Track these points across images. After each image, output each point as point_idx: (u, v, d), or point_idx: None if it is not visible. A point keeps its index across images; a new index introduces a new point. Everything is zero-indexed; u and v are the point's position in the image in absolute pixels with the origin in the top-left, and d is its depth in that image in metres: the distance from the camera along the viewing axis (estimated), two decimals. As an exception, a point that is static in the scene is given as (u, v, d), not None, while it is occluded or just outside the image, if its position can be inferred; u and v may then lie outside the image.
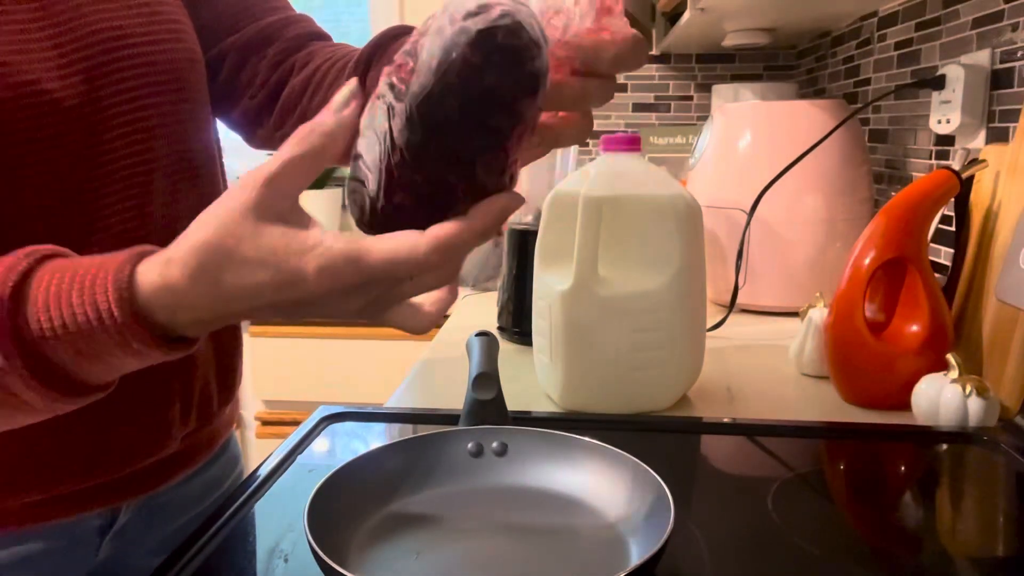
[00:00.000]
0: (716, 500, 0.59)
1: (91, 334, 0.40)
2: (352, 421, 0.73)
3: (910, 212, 0.78)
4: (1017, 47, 0.88)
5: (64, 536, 0.61)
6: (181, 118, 0.61)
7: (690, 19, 1.31)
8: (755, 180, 1.06)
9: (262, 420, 1.63)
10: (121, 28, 0.56)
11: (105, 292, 0.40)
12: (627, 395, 0.76)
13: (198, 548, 0.51)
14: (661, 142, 1.78)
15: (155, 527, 0.67)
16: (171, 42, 0.60)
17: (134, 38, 0.57)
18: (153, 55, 0.58)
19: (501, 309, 1.06)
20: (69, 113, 0.53)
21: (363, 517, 0.52)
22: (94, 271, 0.41)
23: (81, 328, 0.40)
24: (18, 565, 0.59)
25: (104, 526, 0.63)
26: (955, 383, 0.71)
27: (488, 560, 0.49)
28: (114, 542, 0.64)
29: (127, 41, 0.56)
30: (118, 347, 0.41)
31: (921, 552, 0.52)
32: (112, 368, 0.43)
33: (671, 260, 0.74)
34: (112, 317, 0.40)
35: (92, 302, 0.40)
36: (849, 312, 0.78)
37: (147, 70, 0.58)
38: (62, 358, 0.41)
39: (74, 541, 0.61)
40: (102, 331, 0.40)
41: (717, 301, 1.19)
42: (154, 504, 0.66)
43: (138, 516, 0.65)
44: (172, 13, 0.62)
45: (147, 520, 0.66)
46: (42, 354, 0.41)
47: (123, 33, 0.56)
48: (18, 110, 0.50)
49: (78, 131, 0.53)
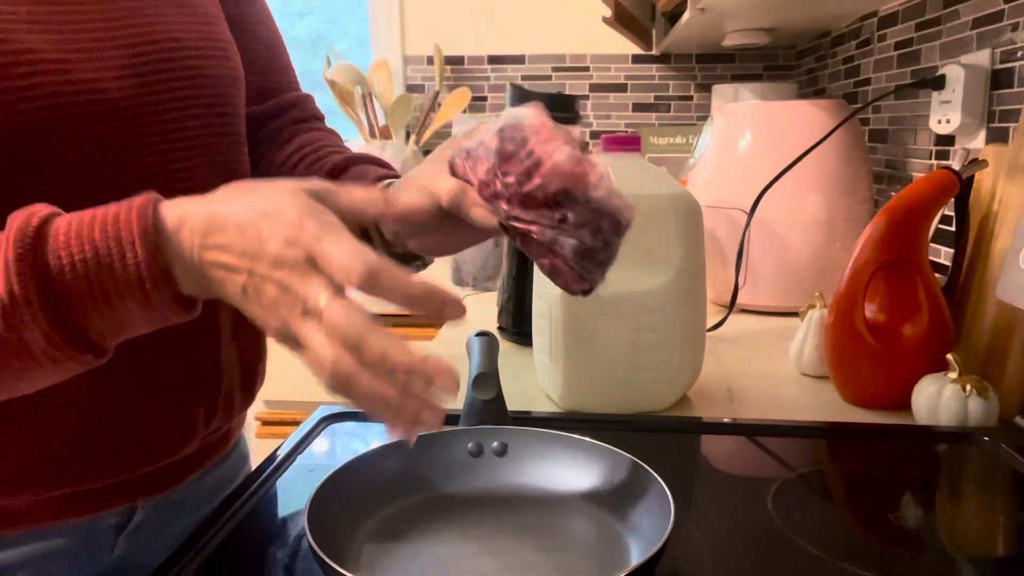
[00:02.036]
0: (716, 500, 0.59)
1: (110, 267, 0.42)
2: (352, 421, 0.73)
3: (910, 212, 0.78)
4: (1017, 47, 0.88)
5: (82, 534, 0.61)
6: (221, 131, 0.63)
7: (690, 19, 1.31)
8: (755, 180, 1.06)
9: (262, 420, 1.63)
10: (179, 40, 0.59)
11: (129, 226, 0.42)
12: (627, 395, 0.76)
13: (198, 548, 0.51)
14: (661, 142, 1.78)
15: (168, 525, 0.68)
16: (221, 59, 0.63)
17: (189, 50, 0.59)
18: (204, 68, 0.60)
19: (501, 309, 1.06)
20: (121, 114, 0.54)
21: (363, 517, 0.52)
22: (116, 208, 0.43)
23: (101, 261, 0.42)
24: (34, 563, 0.59)
25: (121, 524, 0.64)
26: (955, 383, 0.71)
27: (488, 560, 0.49)
28: (128, 540, 0.64)
29: (183, 52, 0.59)
30: (132, 287, 0.42)
31: (921, 552, 0.52)
32: (117, 319, 0.44)
33: (671, 260, 0.74)
34: (133, 249, 0.42)
35: (116, 235, 0.42)
36: (849, 312, 0.78)
37: (197, 82, 0.60)
38: (74, 298, 0.42)
39: (91, 539, 0.62)
40: (121, 267, 0.42)
41: (717, 301, 1.19)
42: (168, 502, 0.67)
43: (153, 514, 0.66)
44: (224, 34, 0.65)
45: (161, 518, 0.67)
46: (55, 290, 0.42)
47: (180, 45, 0.59)
48: (76, 106, 0.51)
49: (127, 133, 0.55)
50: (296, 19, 2.27)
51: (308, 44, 2.27)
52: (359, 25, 2.24)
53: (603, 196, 0.48)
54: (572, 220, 0.48)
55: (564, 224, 0.48)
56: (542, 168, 0.47)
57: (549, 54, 2.03)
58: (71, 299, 0.42)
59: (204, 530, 0.53)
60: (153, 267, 0.42)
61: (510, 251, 1.05)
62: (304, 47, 2.27)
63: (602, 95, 2.03)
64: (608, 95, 2.03)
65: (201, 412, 0.64)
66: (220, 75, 0.63)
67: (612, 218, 0.49)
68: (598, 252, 0.49)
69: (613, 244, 0.50)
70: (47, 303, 0.42)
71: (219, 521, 0.54)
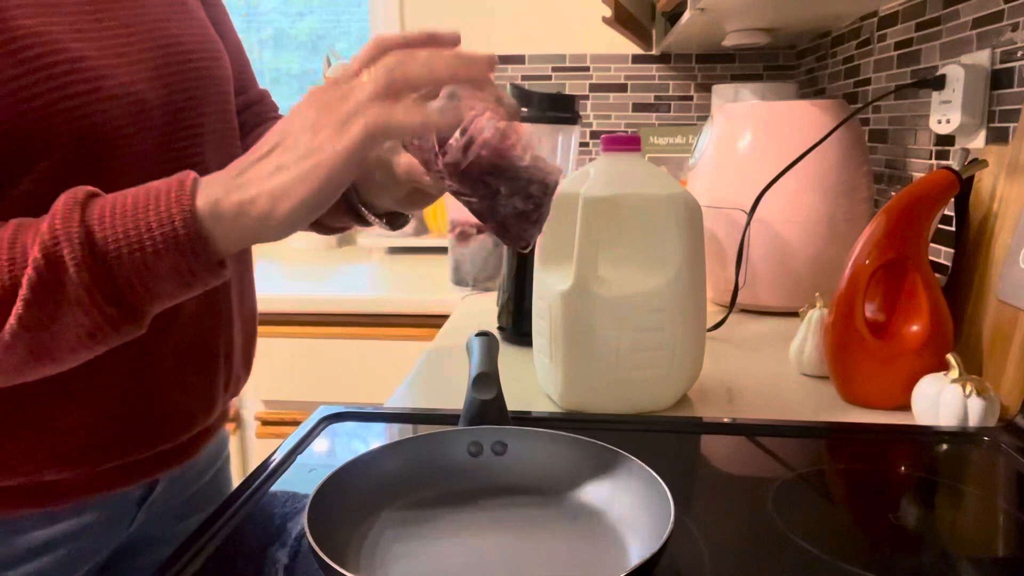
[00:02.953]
0: (716, 500, 0.59)
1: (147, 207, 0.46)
2: (352, 421, 0.73)
3: (910, 212, 0.78)
4: (1017, 47, 0.88)
5: (110, 508, 0.64)
6: (226, 127, 0.68)
7: (690, 19, 1.31)
8: (755, 180, 1.06)
9: (262, 420, 1.63)
10: (187, 43, 0.63)
11: (168, 193, 0.47)
12: (627, 395, 0.76)
13: (198, 548, 0.51)
14: (661, 142, 1.78)
15: (177, 496, 0.72)
16: (220, 61, 0.68)
17: (197, 52, 0.64)
18: (210, 69, 0.65)
19: (501, 309, 1.06)
20: (154, 114, 0.58)
21: (363, 517, 0.52)
22: (157, 184, 0.48)
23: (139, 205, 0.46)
24: (72, 537, 0.62)
25: (143, 496, 0.67)
26: (955, 383, 0.71)
27: (488, 560, 0.49)
28: (147, 512, 0.68)
29: (193, 55, 0.64)
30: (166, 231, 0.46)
31: (921, 552, 0.52)
32: (151, 278, 0.47)
33: (671, 260, 0.74)
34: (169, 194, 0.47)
35: (155, 194, 0.47)
36: (849, 312, 0.78)
37: (206, 82, 0.65)
38: (114, 253, 0.46)
39: (119, 512, 0.65)
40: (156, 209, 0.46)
41: (717, 301, 1.19)
42: (179, 473, 0.70)
43: (168, 486, 0.70)
44: (216, 37, 0.70)
45: (173, 490, 0.71)
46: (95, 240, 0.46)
47: (189, 48, 0.63)
48: (120, 107, 0.55)
49: (158, 132, 0.59)
50: (296, 19, 2.26)
51: (308, 44, 2.27)
52: (359, 25, 2.24)
53: (529, 164, 0.53)
54: (504, 192, 0.53)
55: (498, 195, 0.54)
56: (472, 147, 0.52)
57: (549, 54, 2.03)
58: (114, 257, 0.46)
59: (204, 530, 0.53)
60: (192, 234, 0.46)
61: (510, 251, 1.05)
62: (304, 47, 2.26)
63: (602, 95, 2.03)
64: (608, 95, 2.03)
65: (221, 383, 0.69)
66: (221, 75, 0.67)
67: (540, 183, 0.54)
68: (531, 213, 0.55)
69: (544, 205, 0.55)
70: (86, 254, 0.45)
71: (219, 521, 0.54)
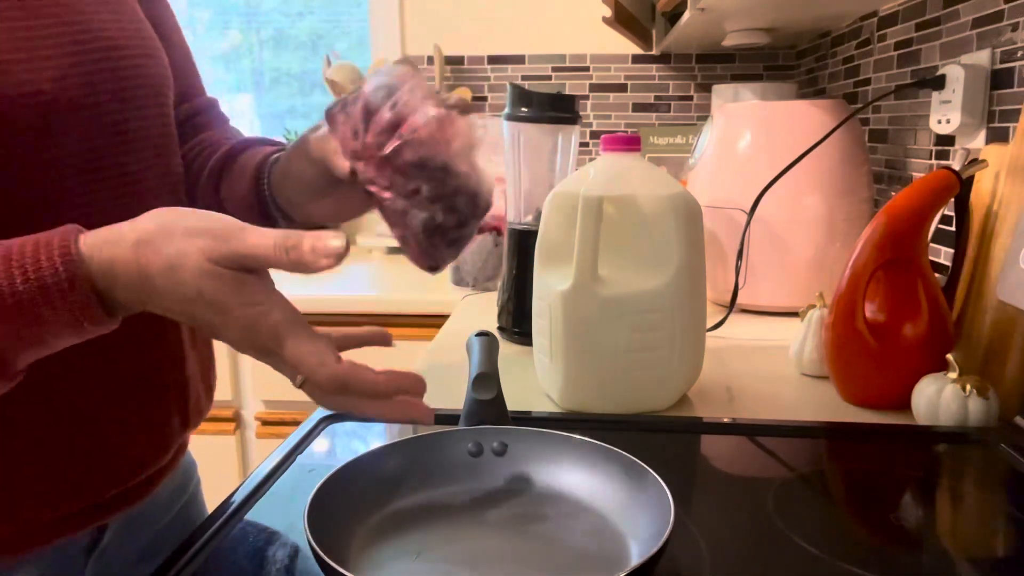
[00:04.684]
0: (716, 500, 0.59)
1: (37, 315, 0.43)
2: (352, 421, 0.73)
3: (910, 212, 0.78)
4: (1017, 47, 0.88)
5: (53, 560, 0.59)
6: (162, 131, 0.64)
7: (690, 19, 1.31)
8: (755, 180, 1.06)
9: (262, 420, 1.63)
10: (116, 40, 0.59)
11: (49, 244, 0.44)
12: (627, 395, 0.76)
13: (198, 548, 0.51)
14: (661, 142, 1.78)
15: (134, 539, 0.67)
16: (157, 59, 0.63)
17: (128, 50, 0.60)
18: (143, 68, 0.61)
19: (501, 309, 1.06)
20: (69, 116, 0.54)
21: (363, 517, 0.51)
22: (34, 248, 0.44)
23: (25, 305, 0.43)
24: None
25: (91, 545, 0.62)
26: (955, 383, 0.71)
27: (488, 560, 0.49)
28: (98, 562, 0.63)
29: (122, 52, 0.59)
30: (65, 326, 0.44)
31: (921, 552, 0.52)
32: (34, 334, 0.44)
33: (671, 260, 0.74)
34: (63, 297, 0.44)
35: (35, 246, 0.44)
36: (849, 312, 0.78)
37: (138, 81, 0.60)
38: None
39: (62, 565, 0.60)
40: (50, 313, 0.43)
41: (717, 301, 1.19)
42: (133, 517, 0.65)
43: (122, 530, 0.65)
44: (153, 35, 0.65)
45: (128, 533, 0.66)
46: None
47: (118, 44, 0.59)
48: (22, 108, 0.51)
49: (78, 133, 0.55)
50: (296, 19, 2.26)
51: (308, 44, 2.27)
52: (359, 25, 2.24)
53: (464, 171, 0.44)
54: (425, 193, 0.45)
55: (417, 196, 0.45)
56: (401, 130, 0.44)
57: (549, 54, 2.03)
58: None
59: (203, 531, 0.53)
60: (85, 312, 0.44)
61: (510, 251, 1.05)
62: (304, 47, 2.26)
63: (602, 95, 2.03)
64: (608, 95, 2.03)
65: (176, 421, 0.65)
66: (157, 74, 0.63)
67: (470, 197, 0.45)
68: (449, 231, 0.46)
69: (468, 225, 0.46)
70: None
71: (218, 521, 0.54)
